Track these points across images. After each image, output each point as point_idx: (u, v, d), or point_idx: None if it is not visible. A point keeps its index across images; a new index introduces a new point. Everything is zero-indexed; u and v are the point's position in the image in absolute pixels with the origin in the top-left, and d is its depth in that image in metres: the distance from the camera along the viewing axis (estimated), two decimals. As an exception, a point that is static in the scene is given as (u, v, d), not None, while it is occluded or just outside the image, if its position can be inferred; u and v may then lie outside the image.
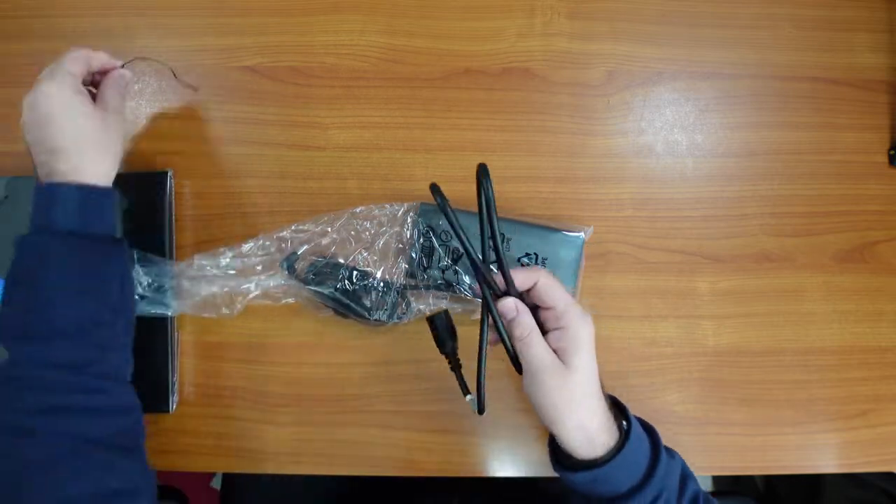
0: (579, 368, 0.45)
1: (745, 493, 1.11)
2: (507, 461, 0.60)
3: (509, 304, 0.46)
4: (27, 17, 0.64)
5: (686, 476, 0.49)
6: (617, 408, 0.49)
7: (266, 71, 0.63)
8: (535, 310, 0.47)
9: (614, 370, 0.61)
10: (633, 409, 0.60)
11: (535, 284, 0.46)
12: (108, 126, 0.51)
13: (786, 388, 0.61)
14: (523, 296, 0.47)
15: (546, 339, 0.46)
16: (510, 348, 0.47)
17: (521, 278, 0.46)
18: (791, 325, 0.62)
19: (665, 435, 0.59)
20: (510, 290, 0.46)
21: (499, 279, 0.46)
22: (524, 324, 0.46)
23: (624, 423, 0.47)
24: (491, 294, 0.46)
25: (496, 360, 0.60)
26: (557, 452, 0.48)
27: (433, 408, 0.60)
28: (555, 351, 0.46)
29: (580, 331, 0.45)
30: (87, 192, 0.49)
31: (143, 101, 0.63)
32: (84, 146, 0.49)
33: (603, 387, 0.47)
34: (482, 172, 0.43)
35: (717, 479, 1.15)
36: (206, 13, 0.64)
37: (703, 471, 0.60)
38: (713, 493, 0.79)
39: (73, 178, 0.48)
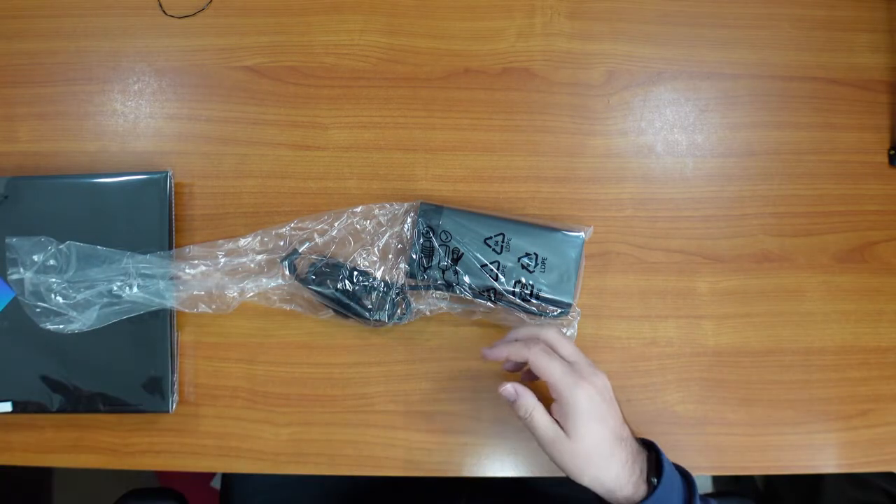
0: (582, 436, 0.47)
1: (745, 493, 1.11)
2: (508, 462, 0.60)
3: (508, 390, 0.50)
4: (27, 17, 0.64)
5: None
6: (651, 453, 0.50)
7: (266, 71, 0.63)
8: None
9: (614, 370, 0.60)
10: (633, 409, 0.60)
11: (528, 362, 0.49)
12: None
13: (786, 388, 0.61)
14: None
15: (551, 410, 0.49)
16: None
17: (513, 353, 0.50)
18: (791, 325, 0.62)
19: (665, 435, 0.60)
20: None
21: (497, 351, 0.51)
22: (524, 406, 0.49)
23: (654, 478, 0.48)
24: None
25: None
26: None
27: (433, 408, 0.60)
28: (558, 421, 0.48)
29: (573, 401, 0.47)
30: None
31: (142, 101, 0.63)
32: None
33: (633, 433, 0.50)
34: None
35: (717, 479, 1.15)
36: (206, 13, 0.64)
37: (703, 471, 0.60)
38: (713, 494, 0.79)
39: None
